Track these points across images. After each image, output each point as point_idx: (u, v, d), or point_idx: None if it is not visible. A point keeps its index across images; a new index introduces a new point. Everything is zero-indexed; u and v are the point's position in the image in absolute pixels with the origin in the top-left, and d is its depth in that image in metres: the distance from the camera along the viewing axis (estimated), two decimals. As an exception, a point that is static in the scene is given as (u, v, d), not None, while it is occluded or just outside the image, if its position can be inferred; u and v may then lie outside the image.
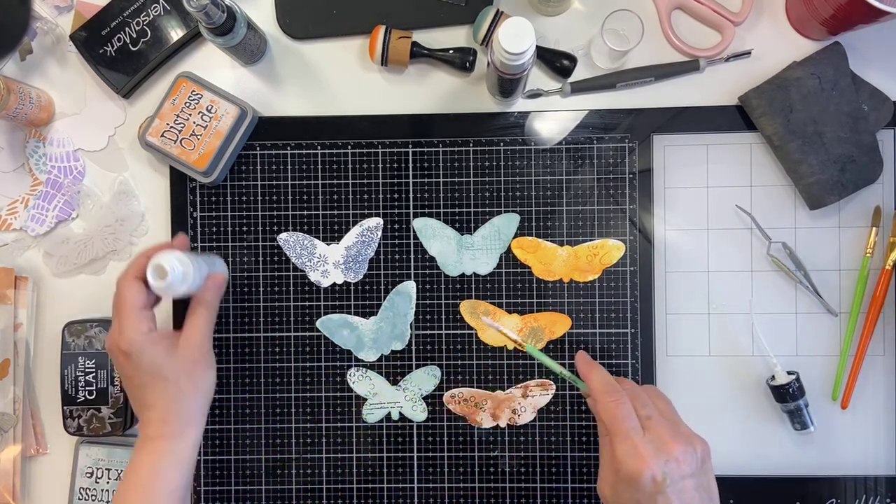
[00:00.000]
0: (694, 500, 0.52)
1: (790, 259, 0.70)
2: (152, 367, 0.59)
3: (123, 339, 0.59)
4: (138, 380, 0.60)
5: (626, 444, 0.53)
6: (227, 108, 0.68)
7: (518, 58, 0.59)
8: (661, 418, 0.55)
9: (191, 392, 0.61)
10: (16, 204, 0.73)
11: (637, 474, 0.51)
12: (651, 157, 0.71)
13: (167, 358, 0.60)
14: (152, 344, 0.60)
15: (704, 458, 0.54)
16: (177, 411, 0.60)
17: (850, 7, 0.61)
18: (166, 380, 0.60)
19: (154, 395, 0.60)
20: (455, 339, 0.71)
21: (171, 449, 0.60)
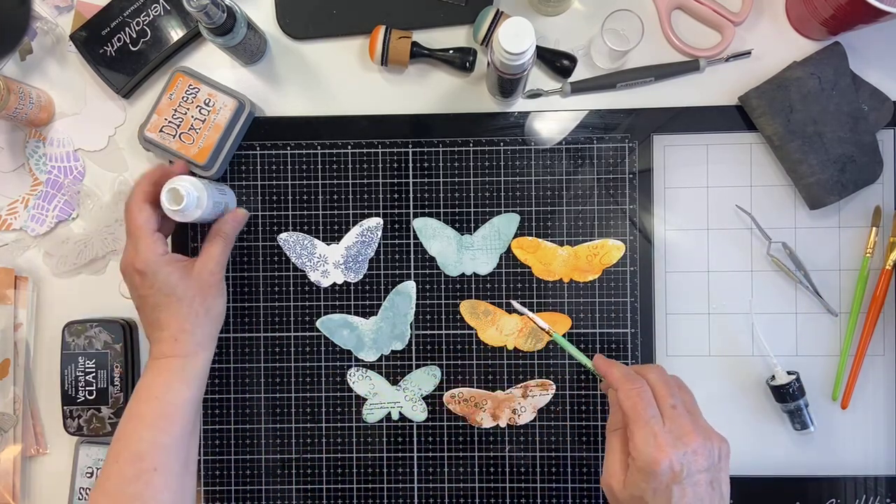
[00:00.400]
0: (706, 496, 0.52)
1: (790, 259, 0.70)
2: (167, 286, 0.61)
3: (139, 259, 0.61)
4: (152, 299, 0.61)
5: (646, 432, 0.52)
6: (224, 100, 0.68)
7: (518, 58, 0.59)
8: (683, 409, 0.54)
9: (203, 315, 0.63)
10: (16, 204, 0.73)
11: (655, 462, 0.51)
12: (651, 157, 0.71)
13: (182, 279, 0.62)
14: (167, 264, 0.61)
15: (722, 455, 0.54)
16: (189, 331, 0.62)
17: (850, 7, 0.61)
18: (180, 300, 0.61)
19: (168, 315, 0.61)
20: (455, 339, 0.71)
21: (183, 365, 0.61)
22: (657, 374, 0.56)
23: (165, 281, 0.61)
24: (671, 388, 0.55)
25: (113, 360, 0.70)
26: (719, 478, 0.53)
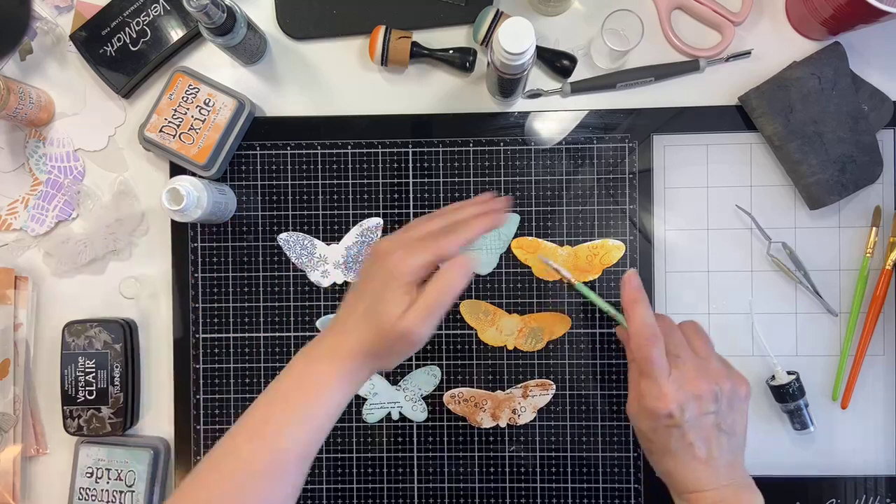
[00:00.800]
0: (711, 437, 0.56)
1: (790, 259, 0.70)
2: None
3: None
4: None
5: (650, 382, 0.56)
6: (224, 100, 0.68)
7: (518, 58, 0.59)
8: (691, 357, 0.57)
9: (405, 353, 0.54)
10: (16, 204, 0.73)
11: (656, 409, 0.55)
12: (651, 157, 0.71)
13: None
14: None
15: (734, 397, 0.57)
16: (387, 362, 0.53)
17: (850, 7, 0.61)
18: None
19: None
20: (455, 339, 0.71)
21: (352, 391, 0.53)
22: (667, 323, 0.60)
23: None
24: (675, 336, 0.58)
25: (113, 360, 0.70)
26: (730, 419, 0.56)
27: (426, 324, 0.51)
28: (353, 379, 0.52)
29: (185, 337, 0.72)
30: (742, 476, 0.57)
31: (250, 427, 0.51)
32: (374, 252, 0.54)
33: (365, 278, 0.54)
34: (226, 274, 0.72)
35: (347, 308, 0.54)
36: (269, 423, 0.51)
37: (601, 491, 0.70)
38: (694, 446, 0.55)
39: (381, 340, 0.51)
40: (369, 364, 0.53)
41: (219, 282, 0.72)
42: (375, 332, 0.51)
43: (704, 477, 0.55)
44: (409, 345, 0.52)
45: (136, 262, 0.73)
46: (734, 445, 0.57)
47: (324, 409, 0.51)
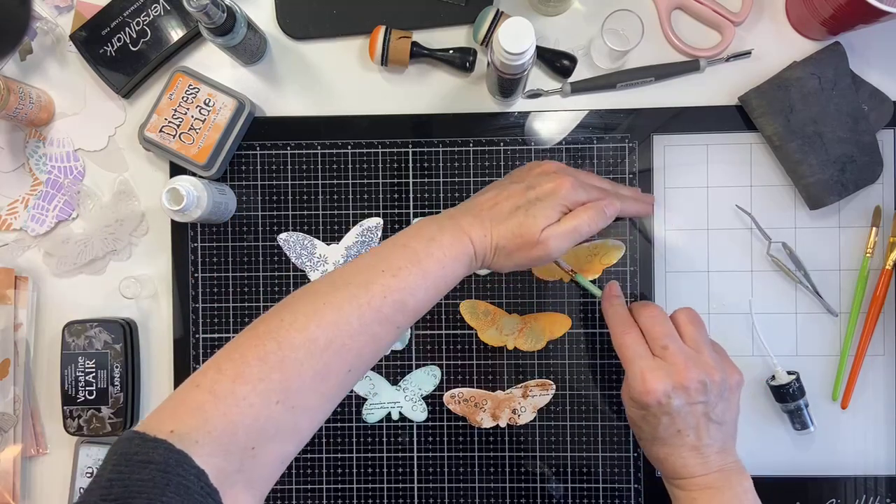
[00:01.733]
0: (701, 426, 0.56)
1: (790, 259, 0.70)
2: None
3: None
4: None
5: (633, 369, 0.57)
6: (224, 100, 0.68)
7: (518, 58, 0.59)
8: (681, 347, 0.57)
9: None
10: (16, 204, 0.73)
11: (642, 396, 0.56)
12: (651, 157, 0.71)
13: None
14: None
15: (724, 387, 0.57)
16: (504, 262, 0.57)
17: (850, 7, 0.61)
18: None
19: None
20: (455, 339, 0.71)
21: (470, 263, 0.56)
22: (649, 315, 0.59)
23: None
24: (662, 327, 0.58)
25: (113, 360, 0.70)
26: (718, 409, 0.57)
27: (562, 242, 0.56)
28: (472, 261, 0.56)
29: (185, 337, 0.72)
30: (732, 461, 0.57)
31: (380, 272, 0.52)
32: (542, 166, 0.60)
33: (520, 182, 0.58)
34: (226, 274, 0.72)
35: (489, 199, 0.58)
36: (397, 277, 0.52)
37: (601, 491, 0.70)
38: (683, 434, 0.56)
39: (517, 240, 0.55)
40: (491, 256, 0.56)
41: (219, 282, 0.72)
42: (517, 230, 0.55)
43: (694, 464, 0.56)
44: (536, 255, 0.56)
45: (136, 262, 0.73)
46: (724, 433, 0.57)
47: (445, 279, 0.54)
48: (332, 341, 0.49)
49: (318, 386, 0.49)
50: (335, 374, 0.49)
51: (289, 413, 0.47)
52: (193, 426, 0.44)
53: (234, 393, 0.45)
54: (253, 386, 0.46)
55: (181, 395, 0.46)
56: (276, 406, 0.46)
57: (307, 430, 0.49)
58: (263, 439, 0.46)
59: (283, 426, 0.47)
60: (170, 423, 0.44)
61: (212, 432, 0.44)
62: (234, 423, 0.45)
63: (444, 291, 0.54)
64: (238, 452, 0.45)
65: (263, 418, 0.46)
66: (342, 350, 0.49)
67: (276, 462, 0.48)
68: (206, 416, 0.44)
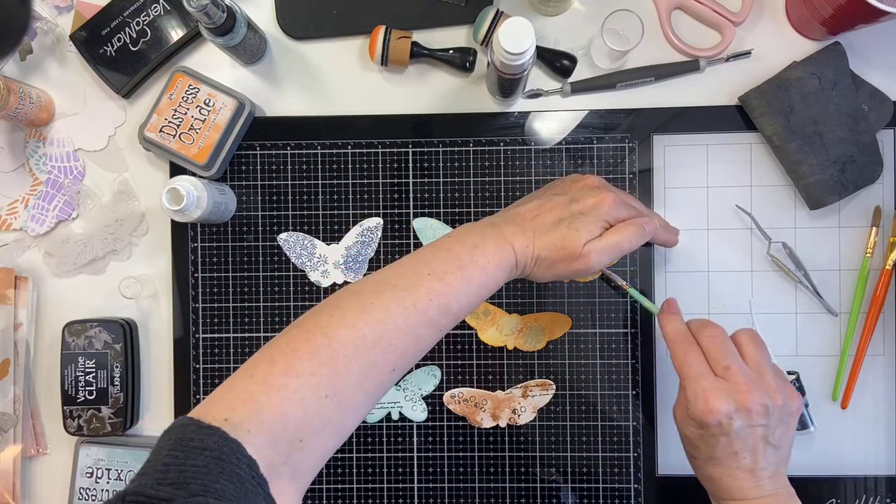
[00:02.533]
0: (758, 449, 0.55)
1: (790, 259, 0.70)
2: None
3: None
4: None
5: (694, 388, 0.56)
6: (224, 100, 0.68)
7: (518, 58, 0.59)
8: (743, 368, 0.56)
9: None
10: (16, 204, 0.73)
11: (703, 415, 0.55)
12: (651, 157, 0.71)
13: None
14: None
15: (785, 411, 0.56)
16: (543, 273, 0.58)
17: (850, 7, 0.61)
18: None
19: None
20: (455, 339, 0.71)
21: (511, 271, 0.56)
22: (710, 336, 0.58)
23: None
24: (724, 347, 0.57)
25: (113, 360, 0.70)
26: (777, 433, 0.56)
27: (603, 257, 0.57)
28: (513, 270, 0.56)
29: (185, 337, 0.72)
30: (784, 486, 0.56)
31: (426, 276, 0.53)
32: (585, 180, 0.61)
33: (562, 194, 0.59)
34: (226, 274, 0.72)
35: (532, 211, 0.58)
36: (442, 281, 0.52)
37: (601, 491, 0.70)
38: (739, 456, 0.55)
39: (559, 252, 0.56)
40: (531, 266, 0.57)
41: (219, 282, 0.72)
42: (559, 242, 0.56)
43: (747, 486, 0.55)
44: (577, 268, 0.57)
45: (136, 262, 0.73)
46: (780, 457, 0.56)
47: (487, 286, 0.54)
48: (379, 340, 0.50)
49: (364, 383, 0.49)
50: (380, 372, 0.50)
51: (336, 408, 0.48)
52: (246, 416, 0.44)
53: (286, 385, 0.46)
54: (304, 379, 0.46)
55: (234, 385, 0.47)
56: (325, 400, 0.47)
57: (350, 426, 0.50)
58: (311, 432, 0.46)
59: (330, 421, 0.48)
60: (224, 412, 0.44)
61: (264, 422, 0.44)
62: (284, 414, 0.45)
63: (485, 297, 0.55)
64: (286, 444, 0.45)
65: (312, 412, 0.46)
66: (388, 349, 0.50)
67: (320, 456, 0.48)
68: (259, 407, 0.45)
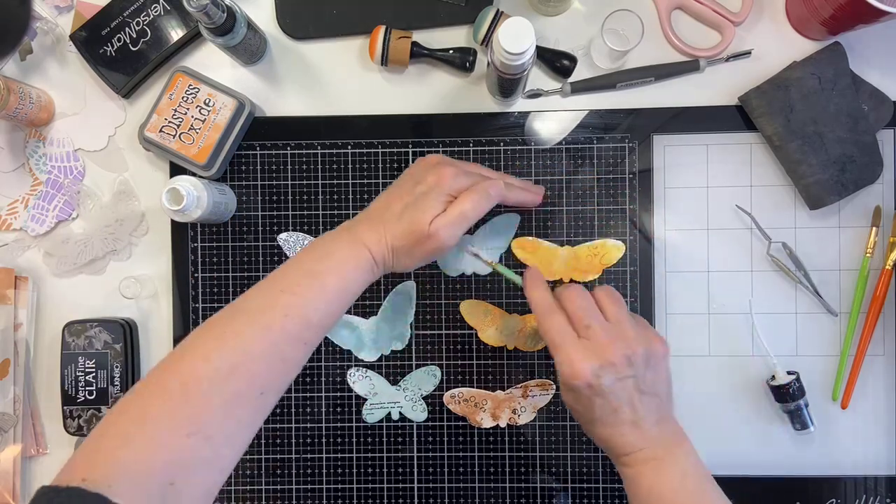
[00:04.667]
0: (635, 399, 0.55)
1: (790, 259, 0.70)
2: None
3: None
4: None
5: (561, 355, 0.56)
6: (224, 100, 0.68)
7: (518, 58, 0.59)
8: (602, 325, 0.56)
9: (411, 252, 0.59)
10: (16, 204, 0.73)
11: (572, 379, 0.55)
12: (651, 157, 0.71)
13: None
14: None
15: (649, 357, 0.56)
16: (406, 262, 0.59)
17: (850, 7, 0.61)
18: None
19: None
20: (455, 339, 0.71)
21: (372, 269, 0.58)
22: (571, 297, 0.58)
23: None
24: (585, 307, 0.57)
25: (113, 360, 0.70)
26: (648, 380, 0.56)
27: (452, 230, 0.58)
28: (372, 268, 0.58)
29: (184, 337, 0.72)
30: (672, 431, 0.57)
31: (278, 294, 0.54)
32: (426, 161, 0.62)
33: (408, 180, 0.60)
34: (226, 274, 0.72)
35: (382, 204, 0.60)
36: (296, 295, 0.53)
37: (601, 491, 0.70)
38: (619, 411, 0.55)
39: (410, 237, 0.57)
40: (391, 258, 0.58)
41: (219, 282, 0.72)
42: (407, 227, 0.57)
43: (634, 439, 0.55)
44: (432, 248, 0.58)
45: (136, 262, 0.73)
46: (659, 404, 0.56)
47: (347, 289, 0.56)
48: (236, 368, 0.50)
49: (230, 413, 0.49)
50: (246, 399, 0.50)
51: (203, 444, 0.47)
52: (104, 471, 0.44)
53: (142, 432, 0.46)
54: (161, 423, 0.47)
55: (89, 444, 0.46)
56: (188, 439, 0.47)
57: (229, 457, 0.50)
58: (181, 473, 0.46)
59: (202, 458, 0.47)
60: (80, 472, 0.44)
61: (126, 473, 0.44)
62: (146, 462, 0.45)
63: (349, 301, 0.56)
64: (157, 489, 0.45)
65: (177, 453, 0.46)
66: (249, 375, 0.50)
67: (202, 494, 0.48)
68: (117, 460, 0.45)
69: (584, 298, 0.58)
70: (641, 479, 0.55)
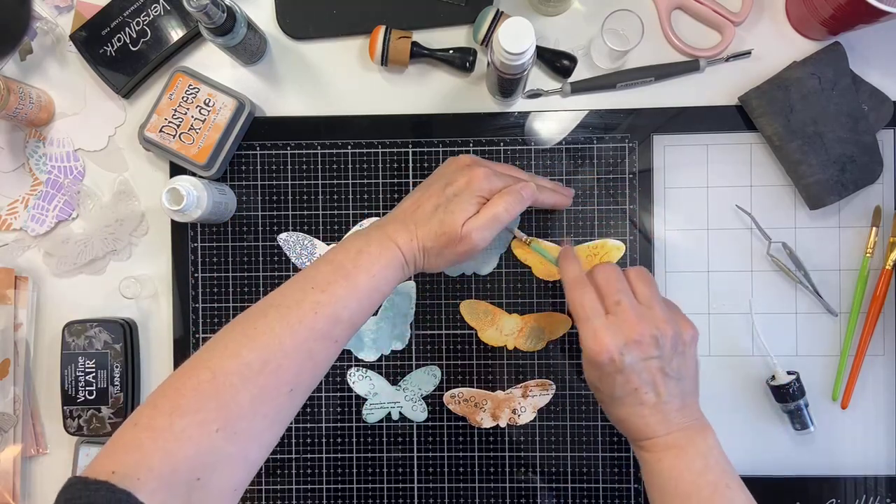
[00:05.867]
0: (658, 382, 0.54)
1: (790, 259, 0.70)
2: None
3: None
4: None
5: (586, 329, 0.55)
6: (224, 100, 0.68)
7: (518, 58, 0.59)
8: (632, 303, 0.56)
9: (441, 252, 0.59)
10: (16, 204, 0.73)
11: (596, 354, 0.54)
12: (651, 157, 0.71)
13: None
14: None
15: (677, 342, 0.55)
16: (436, 262, 0.59)
17: (850, 7, 0.61)
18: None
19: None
20: (455, 339, 0.71)
21: (403, 269, 0.57)
22: (604, 273, 0.58)
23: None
24: (616, 284, 0.57)
25: (113, 360, 0.70)
26: (674, 364, 0.55)
27: (485, 232, 0.57)
28: (403, 267, 0.57)
29: (185, 337, 0.72)
30: (695, 419, 0.56)
31: (310, 291, 0.53)
32: (457, 162, 0.61)
33: (439, 180, 0.60)
34: (226, 274, 0.72)
35: (413, 203, 0.59)
36: (326, 292, 0.53)
37: (601, 491, 0.70)
38: (640, 391, 0.54)
39: (441, 238, 0.57)
40: (421, 258, 0.58)
41: (219, 282, 0.72)
42: (439, 228, 0.57)
43: (655, 423, 0.54)
44: (463, 249, 0.57)
45: (136, 262, 0.73)
46: (683, 389, 0.56)
47: (378, 288, 0.55)
48: (266, 363, 0.49)
49: (259, 409, 0.49)
50: (275, 395, 0.50)
51: (231, 440, 0.47)
52: (133, 464, 0.44)
53: (171, 426, 0.46)
54: (191, 417, 0.46)
55: (120, 437, 0.46)
56: (216, 434, 0.47)
57: (255, 454, 0.50)
58: (208, 469, 0.46)
59: (228, 454, 0.47)
60: (110, 465, 0.44)
61: (153, 468, 0.44)
62: (173, 456, 0.45)
63: (379, 300, 0.56)
64: (183, 485, 0.45)
65: (205, 448, 0.46)
66: (279, 371, 0.50)
67: (228, 490, 0.48)
68: (145, 453, 0.45)
69: (617, 275, 0.57)
70: (661, 465, 0.54)
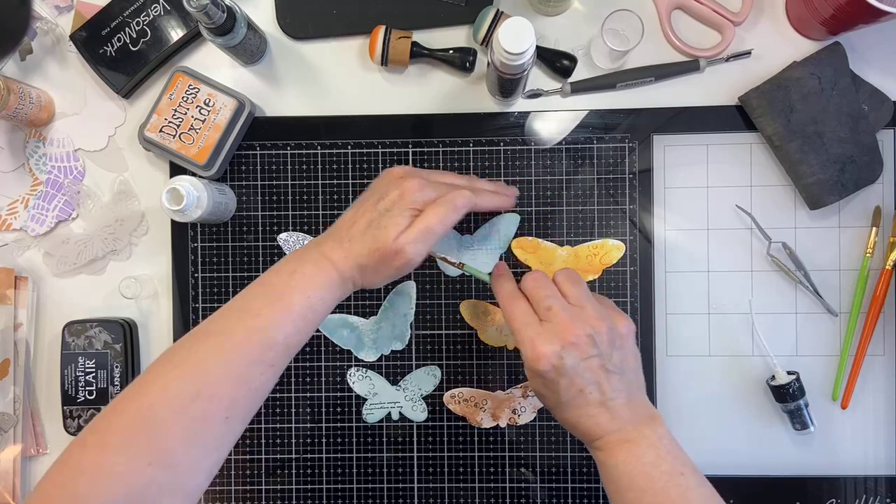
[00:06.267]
0: (600, 378, 0.54)
1: (790, 259, 0.70)
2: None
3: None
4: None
5: (523, 339, 0.55)
6: (224, 100, 0.68)
7: (518, 58, 0.59)
8: (563, 306, 0.55)
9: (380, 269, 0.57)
10: (16, 204, 0.73)
11: (535, 363, 0.54)
12: (651, 157, 0.71)
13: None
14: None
15: (614, 337, 0.55)
16: (373, 279, 0.58)
17: (850, 7, 0.61)
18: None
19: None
20: (455, 339, 0.71)
21: (341, 285, 0.56)
22: (531, 281, 0.58)
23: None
24: (544, 290, 0.56)
25: (113, 360, 0.70)
26: (614, 359, 0.55)
27: (419, 246, 0.56)
28: (340, 286, 0.56)
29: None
30: (643, 411, 0.55)
31: (242, 315, 0.53)
32: (390, 174, 0.59)
33: (373, 195, 0.58)
34: (226, 274, 0.72)
35: (349, 220, 0.58)
36: (260, 316, 0.52)
37: (601, 491, 0.70)
38: (585, 392, 0.54)
39: (375, 254, 0.55)
40: (357, 276, 0.56)
41: (219, 282, 0.72)
42: (372, 245, 0.55)
43: (604, 420, 0.54)
44: (399, 264, 0.56)
45: (136, 262, 0.73)
46: (627, 383, 0.55)
47: (313, 308, 0.54)
48: (199, 393, 0.49)
49: (193, 439, 0.48)
50: (210, 425, 0.49)
51: (166, 472, 0.47)
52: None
53: (100, 464, 0.45)
54: (120, 453, 0.46)
55: (50, 479, 0.46)
56: (149, 468, 0.46)
57: (194, 486, 0.49)
58: (147, 502, 0.46)
59: (163, 487, 0.47)
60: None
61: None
62: (106, 493, 0.45)
63: (317, 320, 0.55)
64: None
65: (137, 483, 0.46)
66: (212, 399, 0.49)
67: None
68: (77, 492, 0.44)
69: (544, 282, 0.57)
70: (615, 461, 0.53)
